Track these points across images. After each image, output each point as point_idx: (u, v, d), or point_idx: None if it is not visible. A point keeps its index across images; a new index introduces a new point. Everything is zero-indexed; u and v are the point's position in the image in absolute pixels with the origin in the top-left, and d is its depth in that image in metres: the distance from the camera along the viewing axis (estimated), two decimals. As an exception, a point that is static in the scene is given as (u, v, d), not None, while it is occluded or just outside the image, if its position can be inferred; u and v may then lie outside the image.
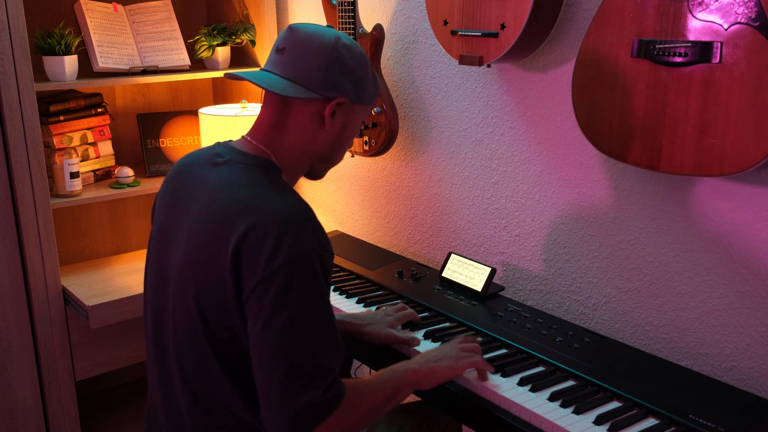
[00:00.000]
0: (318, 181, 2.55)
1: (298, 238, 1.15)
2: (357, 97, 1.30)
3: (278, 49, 1.29)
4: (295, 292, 1.14)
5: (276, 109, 1.30)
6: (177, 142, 2.60)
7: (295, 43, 1.27)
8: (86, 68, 2.35)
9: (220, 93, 2.79)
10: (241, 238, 1.15)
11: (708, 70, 1.33)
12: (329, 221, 2.56)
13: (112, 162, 2.46)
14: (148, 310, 1.35)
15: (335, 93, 1.27)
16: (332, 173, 2.50)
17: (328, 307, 1.19)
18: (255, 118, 2.21)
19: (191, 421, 1.28)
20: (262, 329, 1.14)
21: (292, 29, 1.28)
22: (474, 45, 1.70)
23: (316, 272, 1.16)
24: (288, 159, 1.31)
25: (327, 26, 1.33)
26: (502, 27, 1.63)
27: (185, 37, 2.55)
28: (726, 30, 1.30)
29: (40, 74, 2.19)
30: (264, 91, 1.32)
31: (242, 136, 1.34)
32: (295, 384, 1.13)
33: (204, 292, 1.20)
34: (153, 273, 1.33)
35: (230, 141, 1.36)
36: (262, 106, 1.33)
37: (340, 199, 2.50)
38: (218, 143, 1.35)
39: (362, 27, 2.07)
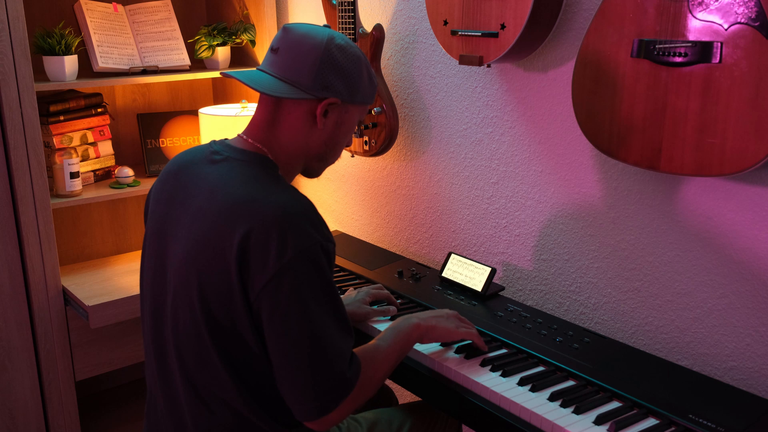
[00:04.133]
0: (318, 181, 2.56)
1: (301, 233, 1.19)
2: (350, 97, 1.32)
3: (273, 49, 1.31)
4: (305, 286, 1.19)
5: (270, 108, 1.32)
6: (177, 142, 2.60)
7: (289, 43, 1.29)
8: (86, 68, 2.35)
9: (220, 93, 2.79)
10: (245, 234, 1.18)
11: (708, 70, 1.33)
12: (329, 221, 2.56)
13: (112, 162, 2.46)
14: (146, 307, 1.36)
15: (326, 93, 1.29)
16: (332, 173, 2.50)
17: (336, 293, 1.25)
18: (255, 118, 2.22)
19: (192, 419, 1.28)
20: (278, 323, 1.19)
21: (287, 29, 1.30)
22: (474, 45, 1.70)
23: (322, 263, 1.21)
24: (284, 157, 1.33)
25: (324, 26, 1.34)
26: (502, 27, 1.63)
27: (185, 37, 2.55)
28: (726, 30, 1.30)
29: (40, 74, 2.19)
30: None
31: (238, 135, 1.36)
32: (317, 368, 1.20)
33: (207, 286, 1.22)
34: (150, 270, 1.34)
35: (226, 139, 1.37)
36: (257, 105, 1.34)
37: (340, 199, 2.50)
38: (214, 141, 1.37)
39: (362, 27, 2.07)
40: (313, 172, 1.42)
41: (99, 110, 2.39)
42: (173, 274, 1.27)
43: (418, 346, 1.52)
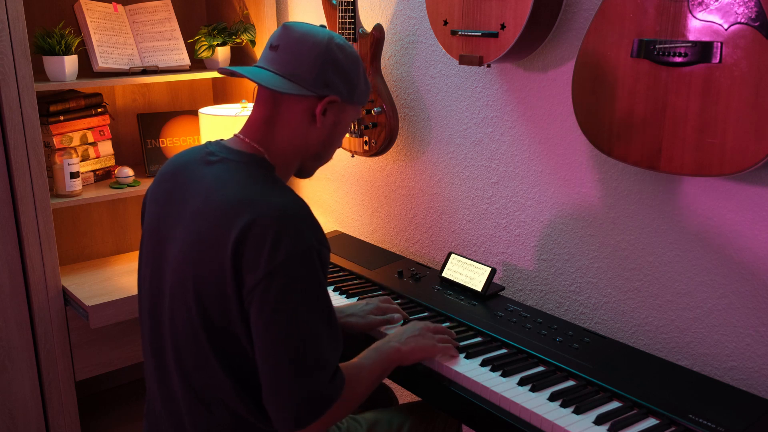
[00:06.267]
0: (318, 181, 2.56)
1: (296, 236, 1.18)
2: (349, 96, 1.32)
3: (272, 47, 1.31)
4: (296, 289, 1.17)
5: (268, 106, 1.31)
6: (177, 142, 2.60)
7: (290, 41, 1.29)
8: (86, 68, 2.35)
9: (220, 93, 2.79)
10: (240, 234, 1.17)
11: (708, 70, 1.33)
12: (329, 221, 2.56)
13: (112, 162, 2.46)
14: (144, 308, 1.36)
15: (327, 91, 1.29)
16: (332, 173, 2.50)
17: (328, 300, 1.23)
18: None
19: (190, 420, 1.28)
20: (266, 324, 1.17)
21: (287, 27, 1.30)
22: (474, 45, 1.70)
23: (315, 267, 1.20)
24: (280, 156, 1.33)
25: (321, 26, 1.34)
26: (502, 27, 1.63)
27: (185, 37, 2.55)
28: (726, 30, 1.30)
29: (40, 74, 2.19)
30: (256, 88, 1.33)
31: (235, 135, 1.35)
32: (300, 376, 1.18)
33: (203, 286, 1.21)
34: (148, 271, 1.34)
35: (221, 140, 1.37)
36: (254, 104, 1.34)
37: (340, 199, 2.50)
38: (209, 142, 1.36)
39: (362, 27, 2.07)
40: (307, 172, 1.42)
41: (99, 110, 2.39)
42: (170, 275, 1.27)
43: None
